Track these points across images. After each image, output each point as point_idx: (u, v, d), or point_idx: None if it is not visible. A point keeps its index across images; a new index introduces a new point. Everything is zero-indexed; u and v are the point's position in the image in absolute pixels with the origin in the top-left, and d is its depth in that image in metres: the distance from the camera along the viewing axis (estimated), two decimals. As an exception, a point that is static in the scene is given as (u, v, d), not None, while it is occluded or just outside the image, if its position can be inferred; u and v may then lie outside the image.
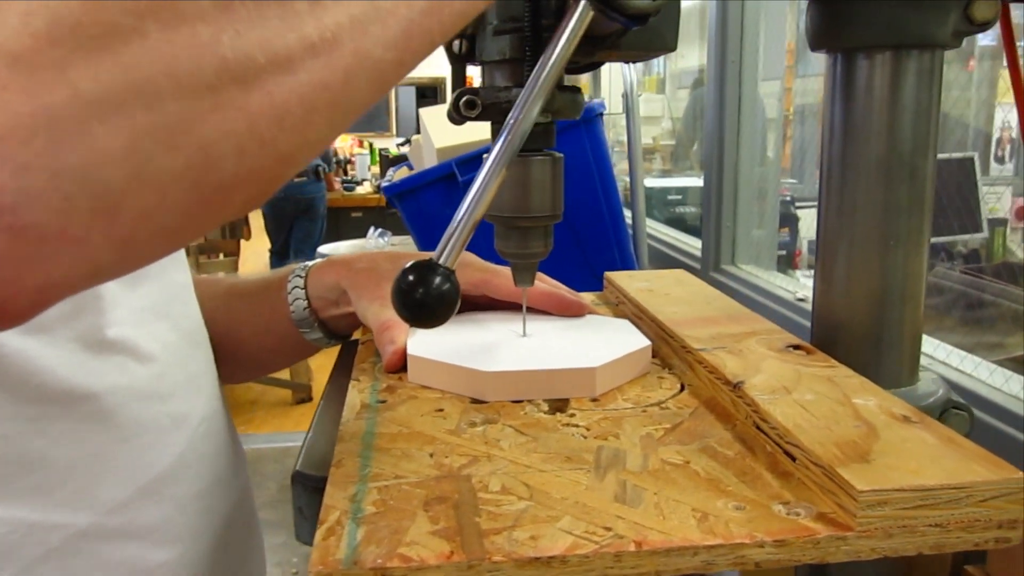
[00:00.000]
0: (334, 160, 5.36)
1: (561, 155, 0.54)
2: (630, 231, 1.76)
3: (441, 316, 0.40)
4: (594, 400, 0.51)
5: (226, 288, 0.71)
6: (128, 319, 0.50)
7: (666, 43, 0.50)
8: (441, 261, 0.40)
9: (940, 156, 0.56)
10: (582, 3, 0.40)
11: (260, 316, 0.69)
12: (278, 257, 4.93)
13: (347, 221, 5.12)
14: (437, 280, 0.40)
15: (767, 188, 1.75)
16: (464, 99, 0.50)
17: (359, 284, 0.63)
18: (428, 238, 1.55)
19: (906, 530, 0.35)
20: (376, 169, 6.27)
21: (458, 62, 0.54)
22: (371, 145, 6.70)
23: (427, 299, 0.40)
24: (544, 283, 0.65)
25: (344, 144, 6.80)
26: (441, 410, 0.50)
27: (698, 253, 1.80)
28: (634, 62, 2.08)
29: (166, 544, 0.50)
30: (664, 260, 2.00)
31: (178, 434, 0.52)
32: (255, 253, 5.61)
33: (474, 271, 0.63)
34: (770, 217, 1.75)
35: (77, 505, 0.45)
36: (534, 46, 0.48)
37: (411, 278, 0.40)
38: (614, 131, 3.08)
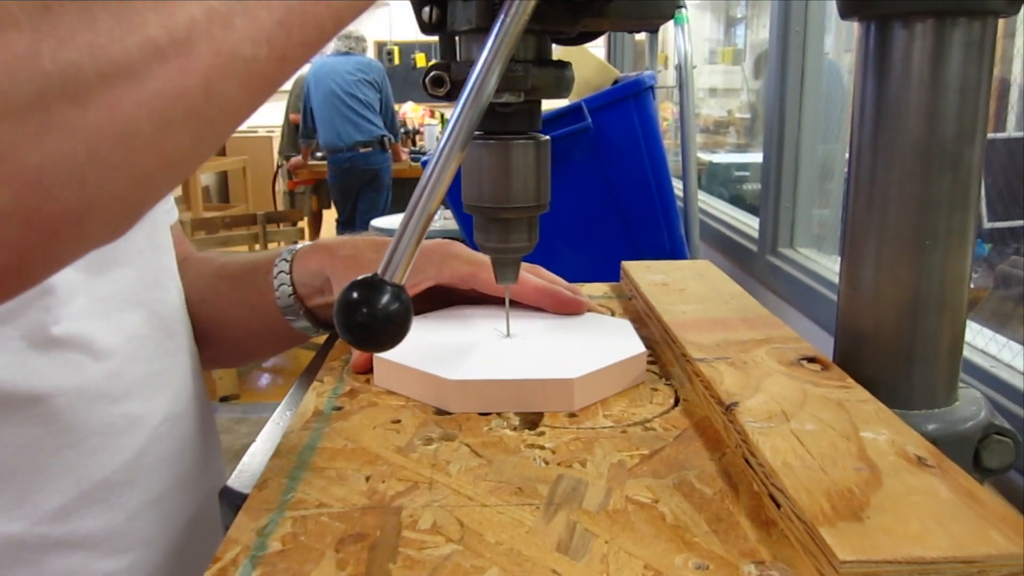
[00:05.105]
0: (401, 131, 5.32)
1: (547, 138, 0.48)
2: (681, 207, 1.68)
3: (388, 340, 0.35)
4: (571, 416, 0.45)
5: (215, 269, 0.67)
6: (86, 311, 0.46)
7: (661, 11, 0.43)
8: (387, 276, 0.35)
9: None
10: (534, -38, 0.34)
11: (246, 300, 0.65)
12: (345, 227, 4.92)
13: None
14: (384, 299, 0.35)
15: (834, 168, 1.64)
16: (431, 75, 0.44)
17: (340, 273, 0.58)
18: (462, 212, 1.51)
19: (899, 609, 0.29)
20: (445, 140, 6.21)
21: (433, 32, 0.48)
22: (442, 116, 6.64)
23: (372, 321, 0.34)
24: (540, 277, 0.59)
25: (415, 114, 6.77)
26: (398, 421, 0.45)
27: (757, 235, 1.70)
28: (630, 31, 1.97)
29: (114, 553, 0.47)
30: (720, 241, 1.90)
31: (132, 436, 0.48)
32: (329, 223, 5.65)
33: (461, 264, 0.58)
34: (836, 198, 1.64)
35: (14, 513, 0.43)
36: (505, 14, 0.42)
37: (354, 296, 0.35)
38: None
